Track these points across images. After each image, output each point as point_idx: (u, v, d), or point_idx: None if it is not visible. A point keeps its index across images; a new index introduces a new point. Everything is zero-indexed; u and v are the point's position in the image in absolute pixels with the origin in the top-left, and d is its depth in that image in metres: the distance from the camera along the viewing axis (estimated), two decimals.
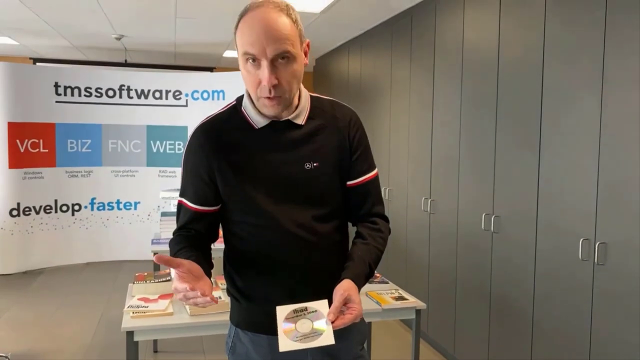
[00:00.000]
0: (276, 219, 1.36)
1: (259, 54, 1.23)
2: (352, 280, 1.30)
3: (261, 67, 1.24)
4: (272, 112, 1.32)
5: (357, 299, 1.26)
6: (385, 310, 2.58)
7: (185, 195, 1.43)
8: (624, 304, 2.25)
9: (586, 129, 2.44)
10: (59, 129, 6.16)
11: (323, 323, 1.22)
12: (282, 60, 1.24)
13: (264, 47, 1.22)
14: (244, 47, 1.24)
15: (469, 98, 3.42)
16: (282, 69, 1.25)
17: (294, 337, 1.20)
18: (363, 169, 1.45)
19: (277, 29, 1.22)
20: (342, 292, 1.25)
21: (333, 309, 1.22)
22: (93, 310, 4.73)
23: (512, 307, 3.00)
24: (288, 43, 1.23)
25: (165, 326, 2.37)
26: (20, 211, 5.93)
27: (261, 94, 1.28)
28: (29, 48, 7.02)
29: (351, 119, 1.45)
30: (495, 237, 3.14)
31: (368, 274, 1.38)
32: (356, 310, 1.23)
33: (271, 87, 1.25)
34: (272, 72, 1.24)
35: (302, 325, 1.22)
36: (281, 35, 1.22)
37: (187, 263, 1.20)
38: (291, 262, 1.38)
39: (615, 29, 2.28)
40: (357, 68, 5.58)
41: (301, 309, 1.25)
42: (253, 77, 1.27)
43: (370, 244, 1.42)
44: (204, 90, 6.48)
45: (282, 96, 1.28)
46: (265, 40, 1.21)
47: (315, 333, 1.20)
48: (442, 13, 3.75)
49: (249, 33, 1.23)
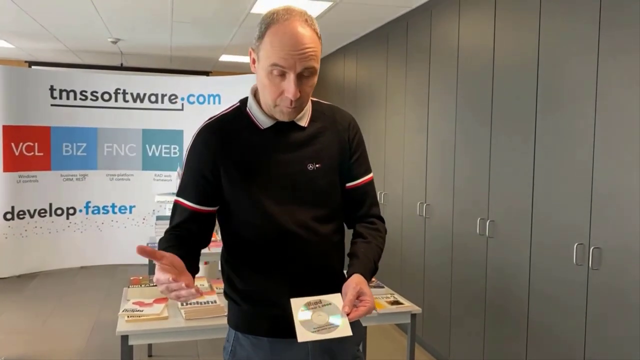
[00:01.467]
0: (278, 219, 1.37)
1: (288, 67, 1.26)
2: (361, 274, 1.33)
3: (287, 80, 1.28)
4: (288, 118, 1.36)
5: (369, 291, 1.30)
6: (380, 315, 2.58)
7: (184, 195, 1.41)
8: (619, 308, 2.26)
9: (581, 133, 2.46)
10: (54, 133, 6.15)
11: (338, 315, 1.24)
12: (307, 75, 1.30)
13: (294, 61, 1.26)
14: (272, 59, 1.27)
15: (464, 103, 3.43)
16: (305, 82, 1.31)
17: (312, 328, 1.21)
18: (361, 171, 1.49)
19: (309, 46, 1.27)
20: (354, 285, 1.28)
21: (347, 302, 1.25)
22: (87, 314, 4.71)
23: (507, 312, 3.01)
24: (315, 60, 1.29)
25: (160, 330, 2.36)
26: (15, 215, 5.90)
27: (281, 103, 1.32)
28: (24, 51, 7.01)
29: (350, 123, 1.50)
30: (491, 241, 3.15)
31: (373, 270, 1.41)
32: (369, 303, 1.27)
33: (294, 99, 1.29)
34: (297, 86, 1.28)
35: (317, 317, 1.23)
36: (310, 52, 1.27)
37: (169, 256, 1.19)
38: (292, 262, 1.39)
39: (609, 33, 2.30)
40: (352, 73, 5.60)
41: (315, 301, 1.26)
42: (276, 87, 1.30)
43: (372, 242, 1.45)
44: (200, 94, 6.48)
45: (300, 106, 1.34)
46: (297, 55, 1.25)
47: (331, 325, 1.22)
48: (438, 19, 3.77)
49: (280, 46, 1.25)
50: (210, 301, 2.56)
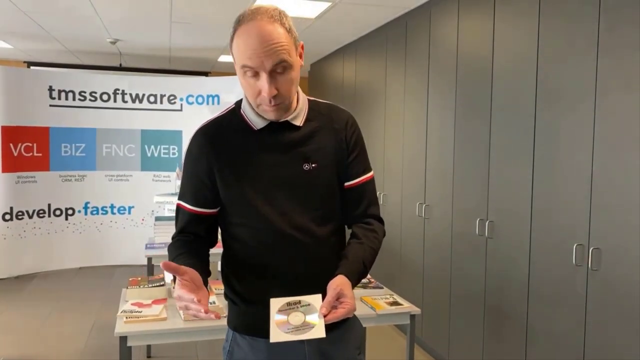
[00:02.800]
0: (274, 221, 1.36)
1: (257, 67, 1.26)
2: (345, 276, 1.31)
3: (260, 79, 1.27)
4: (273, 117, 1.35)
5: (350, 293, 1.27)
6: (379, 316, 2.58)
7: (184, 198, 1.44)
8: (618, 309, 2.26)
9: (580, 134, 2.46)
10: (53, 133, 6.14)
11: (315, 316, 1.23)
12: (280, 70, 1.28)
13: (261, 60, 1.25)
14: (241, 61, 1.27)
15: (464, 104, 3.43)
16: (280, 78, 1.28)
17: (286, 329, 1.21)
18: (359, 171, 1.47)
19: (273, 40, 1.25)
20: (335, 286, 1.26)
21: (325, 303, 1.23)
22: (86, 314, 4.70)
23: (507, 312, 3.00)
24: (284, 53, 1.26)
25: (158, 331, 2.36)
26: (13, 215, 5.89)
27: (262, 103, 1.31)
28: (23, 52, 7.00)
29: (348, 121, 1.48)
30: (490, 242, 3.15)
31: (362, 272, 1.39)
32: (349, 305, 1.24)
33: (271, 97, 1.28)
34: (272, 83, 1.27)
35: (294, 317, 1.23)
36: (277, 47, 1.25)
37: (190, 271, 1.22)
38: (289, 264, 1.39)
39: (609, 35, 2.30)
40: (351, 74, 5.59)
41: (294, 302, 1.26)
42: (253, 87, 1.30)
43: (365, 243, 1.43)
44: (199, 94, 6.48)
45: (282, 103, 1.32)
46: (263, 53, 1.24)
47: (307, 326, 1.22)
48: (437, 19, 3.77)
49: (244, 47, 1.25)
50: (209, 302, 2.55)
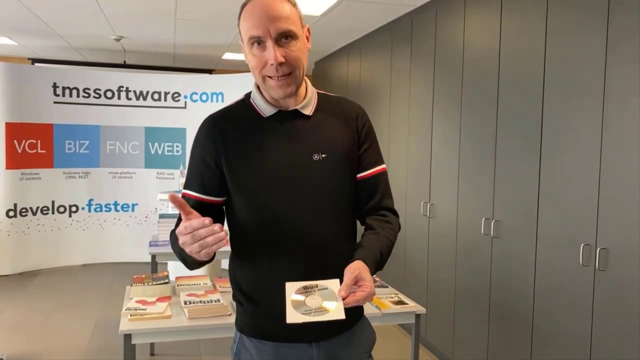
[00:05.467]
0: (280, 211, 1.33)
1: (263, 34, 1.26)
2: (362, 261, 1.26)
3: (267, 48, 1.27)
4: (281, 93, 1.31)
5: (369, 277, 1.22)
6: (385, 315, 2.56)
7: (190, 187, 1.40)
8: (625, 310, 2.24)
9: (587, 133, 2.44)
10: (57, 130, 6.14)
11: (333, 302, 1.17)
12: (286, 40, 1.28)
13: (267, 27, 1.26)
14: (248, 32, 1.28)
15: (470, 102, 3.41)
16: (287, 47, 1.28)
17: (303, 310, 1.15)
18: (372, 162, 1.44)
19: (278, 10, 1.27)
20: (352, 270, 1.22)
21: (344, 286, 1.18)
22: (89, 312, 4.70)
23: (512, 312, 2.99)
24: (290, 22, 1.28)
25: (163, 329, 2.35)
26: (17, 212, 5.90)
27: (268, 73, 1.29)
28: (27, 48, 7.00)
29: (358, 113, 1.46)
30: (495, 241, 3.13)
31: (379, 261, 1.33)
32: (368, 288, 1.19)
33: (278, 65, 1.27)
34: (278, 50, 1.27)
35: (311, 300, 1.18)
36: (282, 15, 1.27)
37: (196, 214, 1.19)
38: (296, 256, 1.33)
39: (617, 33, 2.28)
40: (356, 71, 5.57)
41: (311, 285, 1.20)
42: (259, 59, 1.29)
43: (380, 233, 1.38)
44: (203, 92, 6.47)
45: (290, 73, 1.30)
46: (268, 20, 1.26)
47: (324, 309, 1.15)
48: (443, 17, 3.75)
49: (251, 17, 1.27)
50: (214, 300, 2.54)
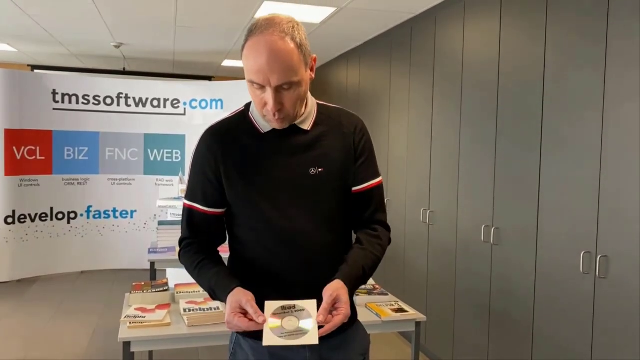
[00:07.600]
0: (277, 224, 1.37)
1: (263, 82, 1.26)
2: (343, 280, 1.31)
3: (266, 93, 1.28)
4: (278, 126, 1.36)
5: (345, 298, 1.27)
6: (384, 323, 2.55)
7: (194, 199, 1.43)
8: (626, 317, 2.24)
9: (587, 141, 2.44)
10: (56, 137, 6.13)
11: (309, 322, 1.22)
12: (286, 87, 1.28)
13: (267, 77, 1.25)
14: (249, 74, 1.28)
15: (469, 109, 3.42)
16: (286, 94, 1.29)
17: (279, 333, 1.21)
18: (367, 176, 1.47)
19: (281, 61, 1.24)
20: (330, 292, 1.26)
21: (322, 310, 1.23)
22: (88, 319, 4.68)
23: (512, 320, 2.98)
24: (292, 73, 1.26)
25: (162, 337, 2.34)
26: (16, 219, 5.88)
27: (267, 114, 1.32)
28: (27, 55, 7.01)
29: (357, 126, 1.48)
30: (495, 249, 3.13)
31: (361, 278, 1.38)
32: (344, 310, 1.24)
33: (276, 111, 1.29)
34: (277, 99, 1.27)
35: (288, 322, 1.23)
36: (285, 67, 1.25)
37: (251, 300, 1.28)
38: (293, 270, 1.38)
39: (617, 41, 2.29)
40: (355, 79, 5.59)
41: (289, 306, 1.26)
42: (259, 98, 1.31)
43: (367, 249, 1.43)
44: (203, 99, 6.47)
45: (286, 116, 1.33)
46: (270, 71, 1.24)
47: (300, 331, 1.21)
48: (442, 24, 3.76)
49: (253, 63, 1.26)
50: (213, 307, 2.53)
